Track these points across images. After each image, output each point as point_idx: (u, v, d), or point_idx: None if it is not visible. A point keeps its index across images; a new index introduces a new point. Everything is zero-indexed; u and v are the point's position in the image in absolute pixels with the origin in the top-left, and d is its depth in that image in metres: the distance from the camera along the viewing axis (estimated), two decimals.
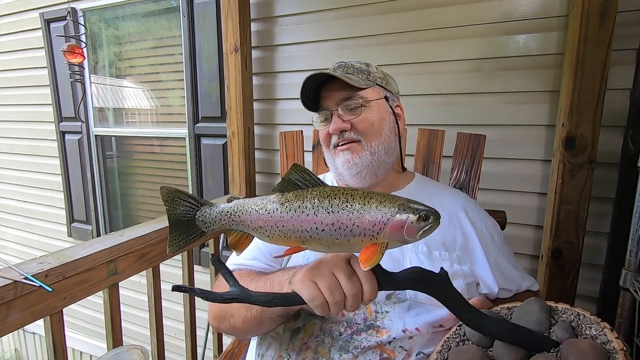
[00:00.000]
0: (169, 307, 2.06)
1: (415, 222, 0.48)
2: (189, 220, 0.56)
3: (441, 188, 0.95)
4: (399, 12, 1.49)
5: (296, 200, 0.51)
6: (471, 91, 1.42)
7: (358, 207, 0.49)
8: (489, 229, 0.85)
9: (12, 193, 2.94)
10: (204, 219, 0.56)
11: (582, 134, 1.16)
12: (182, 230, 0.56)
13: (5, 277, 0.77)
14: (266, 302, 0.54)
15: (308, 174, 0.53)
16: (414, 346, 0.68)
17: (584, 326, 0.52)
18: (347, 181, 0.84)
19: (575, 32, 1.14)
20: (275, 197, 0.53)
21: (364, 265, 0.46)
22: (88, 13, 2.34)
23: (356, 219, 0.48)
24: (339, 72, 0.85)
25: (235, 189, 1.75)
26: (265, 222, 0.52)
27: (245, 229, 0.54)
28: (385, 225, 0.48)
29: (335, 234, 0.49)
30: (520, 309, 0.58)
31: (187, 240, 0.57)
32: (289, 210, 0.51)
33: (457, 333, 0.61)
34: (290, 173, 0.53)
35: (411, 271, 0.52)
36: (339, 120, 0.82)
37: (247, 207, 0.53)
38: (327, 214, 0.49)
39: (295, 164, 0.54)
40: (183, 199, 0.56)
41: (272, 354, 0.73)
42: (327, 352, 0.68)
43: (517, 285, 0.83)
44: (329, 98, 0.85)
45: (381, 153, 0.83)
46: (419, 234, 0.48)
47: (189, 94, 2.01)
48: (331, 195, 0.50)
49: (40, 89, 2.59)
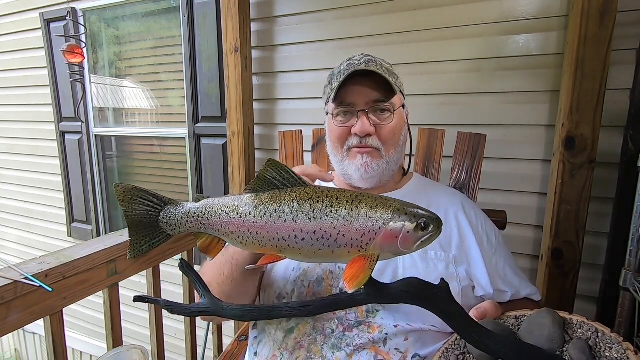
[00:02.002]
0: None
1: (412, 231, 0.41)
2: (152, 221, 0.50)
3: (439, 187, 0.95)
4: (399, 12, 1.49)
5: (272, 202, 0.44)
6: (471, 91, 1.42)
7: (344, 213, 0.41)
8: (486, 230, 0.83)
9: (12, 193, 2.94)
10: (168, 220, 0.49)
11: (582, 134, 1.16)
12: (145, 233, 0.50)
13: (5, 277, 0.77)
14: (240, 316, 0.48)
15: (286, 171, 0.45)
16: (409, 348, 0.68)
17: (603, 345, 0.45)
18: (354, 182, 0.82)
19: (575, 32, 1.14)
20: (249, 199, 0.46)
21: (348, 285, 0.39)
22: (88, 13, 2.34)
23: (342, 227, 0.41)
24: (372, 67, 0.78)
25: (235, 189, 1.75)
26: (237, 227, 0.45)
27: (216, 233, 0.48)
28: (376, 235, 0.41)
29: (317, 244, 0.42)
30: (530, 320, 0.52)
31: (151, 244, 0.51)
32: (263, 214, 0.44)
33: (457, 344, 0.56)
34: (266, 170, 0.45)
35: (406, 283, 0.45)
36: (367, 123, 0.77)
37: (217, 209, 0.47)
38: (307, 221, 0.42)
39: (271, 159, 0.46)
40: (143, 198, 0.50)
41: (266, 354, 0.73)
42: (320, 350, 0.68)
43: (515, 290, 0.80)
44: (359, 94, 0.78)
45: (394, 163, 0.82)
46: (416, 245, 0.42)
47: (189, 94, 2.01)
48: (313, 198, 0.43)
49: (40, 89, 2.59)
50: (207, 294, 0.48)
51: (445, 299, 0.45)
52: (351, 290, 0.39)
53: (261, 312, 0.49)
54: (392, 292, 0.45)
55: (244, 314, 0.48)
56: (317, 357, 0.68)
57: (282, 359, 0.70)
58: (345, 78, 0.75)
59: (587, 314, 1.38)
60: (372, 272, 0.40)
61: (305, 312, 0.48)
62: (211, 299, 0.48)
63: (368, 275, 0.39)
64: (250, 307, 0.50)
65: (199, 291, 0.48)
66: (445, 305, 0.45)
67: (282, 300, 0.74)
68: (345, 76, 0.75)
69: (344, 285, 0.40)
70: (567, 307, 1.22)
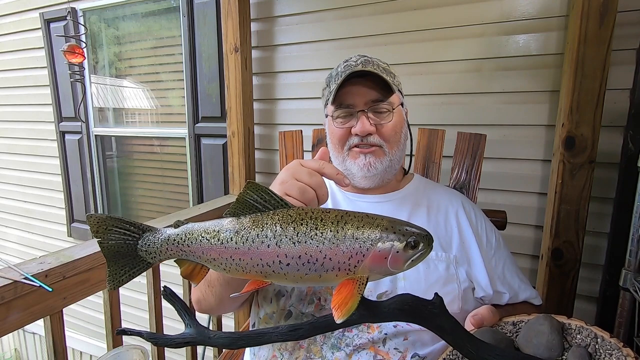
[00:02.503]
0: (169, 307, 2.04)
1: (401, 250, 0.39)
2: (130, 250, 0.47)
3: (439, 188, 0.95)
4: (399, 12, 1.49)
5: (254, 227, 0.42)
6: (471, 91, 1.42)
7: (330, 235, 0.40)
8: (486, 231, 0.83)
9: (12, 193, 2.94)
10: (147, 248, 0.47)
11: (582, 134, 1.16)
12: (123, 263, 0.48)
13: (5, 277, 0.77)
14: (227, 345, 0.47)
15: (267, 193, 0.44)
16: (408, 348, 0.68)
17: (602, 352, 0.44)
18: (357, 181, 0.82)
19: (575, 32, 1.14)
20: (230, 223, 0.44)
21: (336, 315, 0.37)
22: (88, 13, 2.34)
23: (328, 250, 0.39)
24: (369, 67, 0.79)
25: (235, 189, 1.75)
26: (218, 254, 0.43)
27: (197, 259, 0.46)
28: (364, 257, 0.39)
29: (303, 269, 0.40)
30: (528, 327, 0.51)
31: (130, 274, 0.48)
32: (245, 240, 0.42)
33: (456, 354, 0.55)
34: (245, 192, 0.43)
35: (400, 300, 0.44)
36: (367, 123, 0.77)
37: (197, 235, 0.45)
38: (292, 245, 0.40)
39: (250, 181, 0.44)
40: (119, 227, 0.47)
41: (265, 354, 0.73)
42: (320, 350, 0.68)
43: (513, 292, 0.80)
44: (358, 95, 0.79)
45: (396, 161, 0.82)
46: (406, 265, 0.41)
47: (189, 94, 2.01)
48: (297, 220, 0.41)
49: (40, 89, 2.59)
50: (193, 322, 0.47)
51: (439, 315, 0.44)
52: (340, 320, 0.37)
53: (250, 339, 0.48)
54: (384, 311, 0.44)
55: (232, 342, 0.47)
56: (317, 357, 0.68)
57: (282, 359, 0.70)
58: (343, 80, 0.76)
59: (587, 313, 1.39)
60: (360, 297, 0.39)
61: (295, 335, 0.47)
62: (197, 327, 0.47)
63: (357, 301, 0.38)
64: (239, 334, 0.49)
65: (184, 320, 0.47)
66: (440, 320, 0.44)
67: (282, 297, 0.74)
68: (343, 78, 0.76)
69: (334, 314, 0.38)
70: (567, 307, 1.22)
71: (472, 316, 0.59)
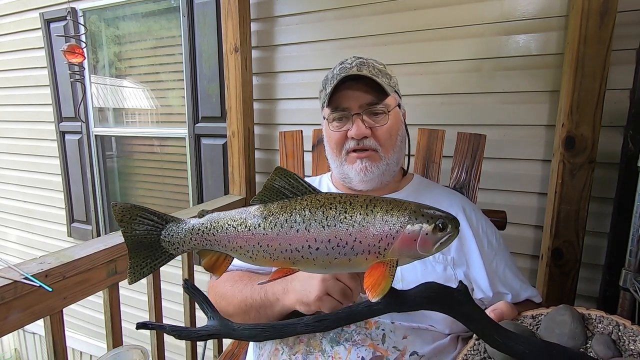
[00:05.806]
0: (169, 307, 2.06)
1: (430, 232, 0.40)
2: (153, 241, 0.47)
3: (439, 189, 0.95)
4: (399, 12, 1.49)
5: (282, 212, 0.42)
6: (471, 91, 1.42)
7: (359, 218, 0.40)
8: (487, 233, 0.83)
9: (12, 193, 2.94)
10: (170, 239, 0.46)
11: (582, 134, 1.16)
12: (146, 254, 0.47)
13: (5, 277, 0.77)
14: (252, 337, 0.46)
15: (295, 179, 0.44)
16: (407, 346, 0.68)
17: (626, 339, 0.45)
18: (354, 185, 0.83)
19: (575, 32, 1.14)
20: (257, 210, 0.44)
21: (371, 295, 0.38)
22: (88, 13, 2.34)
23: (358, 233, 0.40)
24: (364, 70, 0.79)
25: (235, 189, 1.75)
26: (245, 241, 0.43)
27: (222, 249, 0.45)
28: (394, 240, 0.40)
29: (332, 253, 0.40)
30: (549, 319, 0.51)
31: (152, 266, 0.47)
32: (274, 225, 0.42)
33: (477, 349, 0.53)
34: (273, 179, 0.43)
35: (426, 288, 0.43)
36: (362, 126, 0.78)
37: (223, 223, 0.45)
38: (321, 229, 0.40)
39: (279, 167, 0.44)
40: (143, 217, 0.46)
41: (269, 347, 0.75)
42: (319, 344, 0.69)
43: (515, 292, 0.80)
44: (353, 99, 0.79)
45: (393, 164, 0.83)
46: (435, 247, 0.41)
47: (189, 94, 2.01)
48: (325, 204, 0.41)
49: (40, 89, 2.59)
50: (216, 315, 0.46)
51: (466, 303, 0.43)
52: (375, 299, 0.37)
53: (275, 331, 0.47)
54: (411, 299, 0.43)
55: (257, 334, 0.46)
56: (317, 351, 0.68)
57: (283, 352, 0.71)
58: (338, 82, 0.77)
59: None
60: (393, 279, 0.39)
61: (321, 327, 0.46)
62: (220, 320, 0.46)
63: (390, 282, 0.38)
64: (263, 326, 0.47)
65: (207, 313, 0.47)
66: (467, 308, 0.43)
67: None
68: (337, 81, 0.76)
69: (367, 295, 0.38)
70: None
71: (492, 310, 0.59)
